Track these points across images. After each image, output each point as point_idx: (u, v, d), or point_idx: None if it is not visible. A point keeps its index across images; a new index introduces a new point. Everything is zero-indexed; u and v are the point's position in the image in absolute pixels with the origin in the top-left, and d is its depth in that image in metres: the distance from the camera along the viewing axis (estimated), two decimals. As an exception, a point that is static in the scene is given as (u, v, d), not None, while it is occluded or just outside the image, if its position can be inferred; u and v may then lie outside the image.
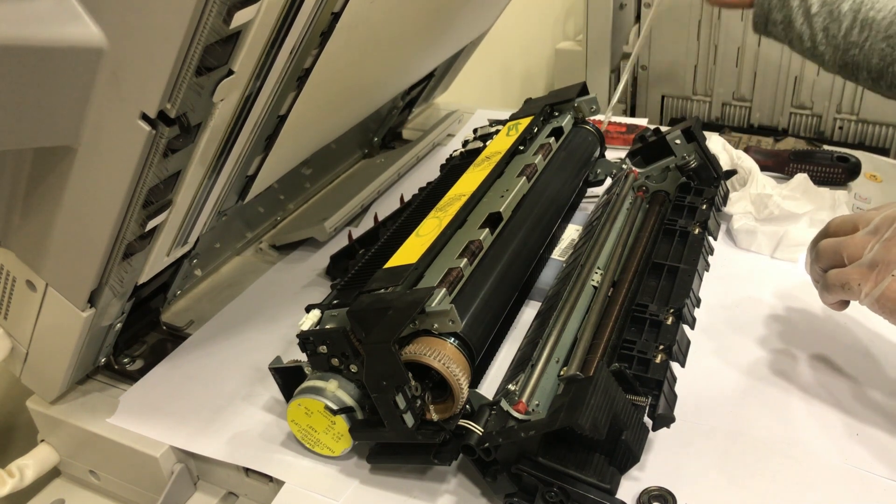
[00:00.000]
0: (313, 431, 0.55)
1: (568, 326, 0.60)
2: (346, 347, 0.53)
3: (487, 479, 0.51)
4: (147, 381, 0.66)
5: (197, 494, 0.63)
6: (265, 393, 0.63)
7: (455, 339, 0.52)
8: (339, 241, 0.84)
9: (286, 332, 0.70)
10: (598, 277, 0.66)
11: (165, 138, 0.44)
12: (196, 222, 0.60)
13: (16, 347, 0.61)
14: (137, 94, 0.41)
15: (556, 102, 0.83)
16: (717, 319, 0.66)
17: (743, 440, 0.55)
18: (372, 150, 1.06)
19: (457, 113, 1.14)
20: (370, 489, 0.54)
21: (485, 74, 1.61)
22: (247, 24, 0.42)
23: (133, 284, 0.58)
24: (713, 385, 0.60)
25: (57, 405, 0.64)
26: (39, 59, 0.38)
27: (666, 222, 0.70)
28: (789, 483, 0.52)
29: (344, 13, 0.54)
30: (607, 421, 0.47)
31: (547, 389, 0.54)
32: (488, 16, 0.96)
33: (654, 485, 0.51)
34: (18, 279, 0.55)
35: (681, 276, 0.63)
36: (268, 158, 0.64)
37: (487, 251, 0.61)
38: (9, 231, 0.53)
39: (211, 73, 0.43)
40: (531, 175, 0.70)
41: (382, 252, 0.63)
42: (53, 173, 0.47)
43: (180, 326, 0.73)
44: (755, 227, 0.75)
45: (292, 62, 0.52)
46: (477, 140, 0.84)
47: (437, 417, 0.52)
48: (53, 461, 0.66)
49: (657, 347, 0.55)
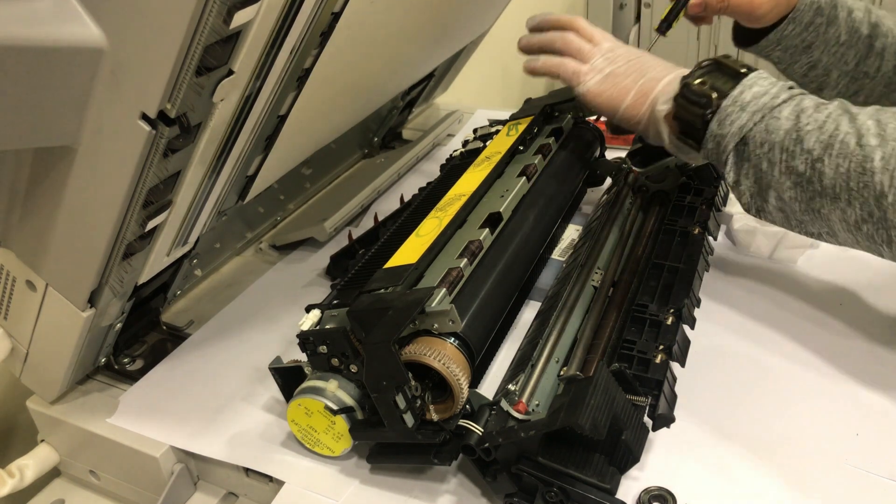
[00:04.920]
0: (313, 431, 0.55)
1: (568, 326, 0.60)
2: (346, 347, 0.53)
3: (487, 479, 0.51)
4: (147, 381, 0.66)
5: (197, 494, 0.63)
6: (265, 393, 0.63)
7: (455, 339, 0.52)
8: (339, 241, 0.84)
9: (286, 332, 0.70)
10: (598, 277, 0.66)
11: (165, 138, 0.44)
12: (196, 222, 0.60)
13: (16, 347, 0.61)
14: (137, 94, 0.41)
15: (556, 102, 0.83)
16: (717, 320, 0.66)
17: (743, 440, 0.55)
18: (372, 150, 1.06)
19: (457, 113, 1.14)
20: (370, 489, 0.54)
21: (485, 74, 1.61)
22: (247, 24, 0.42)
23: (133, 284, 0.58)
24: (713, 385, 0.60)
25: (57, 405, 0.64)
26: (39, 59, 0.38)
27: (666, 222, 0.70)
28: (789, 483, 0.52)
29: (344, 13, 0.54)
30: (607, 421, 0.47)
31: (547, 389, 0.54)
32: (488, 16, 0.96)
33: (654, 485, 0.51)
34: (18, 279, 0.55)
35: (681, 276, 0.63)
36: (268, 158, 0.64)
37: (487, 251, 0.61)
38: (9, 231, 0.53)
39: (211, 73, 0.43)
40: (531, 175, 0.70)
41: (382, 252, 0.63)
42: (53, 173, 0.47)
43: (180, 326, 0.73)
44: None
45: (292, 62, 0.52)
46: (477, 140, 0.84)
47: (437, 417, 0.52)
48: (53, 461, 0.66)
49: (657, 347, 0.55)
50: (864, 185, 0.51)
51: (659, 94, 0.63)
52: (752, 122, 0.57)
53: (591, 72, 0.67)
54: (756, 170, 0.57)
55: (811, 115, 0.55)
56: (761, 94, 0.57)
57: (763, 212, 0.59)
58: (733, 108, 0.58)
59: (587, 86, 0.67)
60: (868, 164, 0.51)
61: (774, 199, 0.57)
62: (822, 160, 0.53)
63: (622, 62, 0.67)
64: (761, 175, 0.57)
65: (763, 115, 0.57)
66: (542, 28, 0.73)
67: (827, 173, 0.53)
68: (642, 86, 0.64)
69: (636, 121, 0.65)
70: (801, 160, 0.54)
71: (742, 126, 0.57)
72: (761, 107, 0.57)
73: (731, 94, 0.58)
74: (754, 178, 0.58)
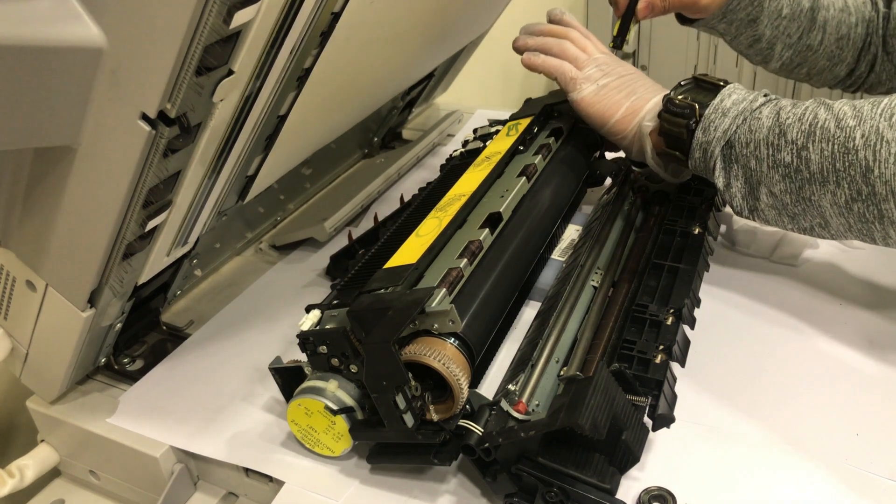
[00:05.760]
0: (313, 431, 0.55)
1: (568, 326, 0.60)
2: (346, 347, 0.53)
3: (487, 479, 0.51)
4: (147, 381, 0.66)
5: (197, 494, 0.63)
6: (265, 393, 0.63)
7: (455, 339, 0.52)
8: (339, 241, 0.84)
9: (286, 332, 0.70)
10: (597, 277, 0.66)
11: (165, 138, 0.44)
12: (196, 222, 0.60)
13: (16, 347, 0.61)
14: (137, 94, 0.41)
15: (556, 102, 0.83)
16: (717, 320, 0.66)
17: (743, 440, 0.55)
18: (372, 150, 1.06)
19: (457, 113, 1.14)
20: (370, 489, 0.54)
21: (485, 74, 1.61)
22: (247, 24, 0.42)
23: (133, 284, 0.58)
24: (713, 384, 0.60)
25: (57, 405, 0.64)
26: (39, 59, 0.38)
27: (666, 222, 0.70)
28: (789, 483, 0.52)
29: (344, 13, 0.54)
30: (607, 421, 0.47)
31: (547, 389, 0.54)
32: (488, 16, 0.96)
33: (654, 485, 0.51)
34: (18, 279, 0.55)
35: (681, 276, 0.63)
36: (268, 158, 0.64)
37: (487, 251, 0.61)
38: (9, 231, 0.53)
39: (211, 73, 0.43)
40: (531, 175, 0.70)
41: (382, 252, 0.63)
42: (53, 173, 0.47)
43: (180, 326, 0.73)
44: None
45: (292, 62, 0.52)
46: (477, 140, 0.84)
47: (437, 417, 0.52)
48: (53, 461, 0.66)
49: (657, 347, 0.55)
50: (850, 164, 0.54)
51: (646, 112, 0.67)
52: (735, 126, 0.60)
53: (587, 81, 0.70)
54: (745, 169, 0.60)
55: (790, 111, 0.58)
56: (740, 100, 0.61)
57: (756, 211, 0.61)
58: (715, 115, 0.61)
59: (582, 94, 0.70)
60: (850, 143, 0.54)
61: (766, 195, 0.59)
62: (807, 147, 0.56)
63: (615, 76, 0.70)
64: (750, 174, 0.59)
65: (745, 118, 0.60)
66: (537, 34, 0.76)
67: (813, 159, 0.55)
68: (633, 103, 0.68)
69: (622, 136, 0.69)
70: (787, 151, 0.57)
71: (726, 130, 0.60)
72: (742, 111, 0.60)
73: (713, 103, 0.61)
74: (744, 178, 0.60)
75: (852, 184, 0.54)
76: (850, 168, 0.54)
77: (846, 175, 0.54)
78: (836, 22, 0.81)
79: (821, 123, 0.55)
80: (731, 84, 0.63)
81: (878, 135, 0.52)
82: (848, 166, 0.54)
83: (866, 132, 0.53)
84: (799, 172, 0.56)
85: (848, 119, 0.54)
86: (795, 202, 0.58)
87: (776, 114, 0.58)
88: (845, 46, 0.82)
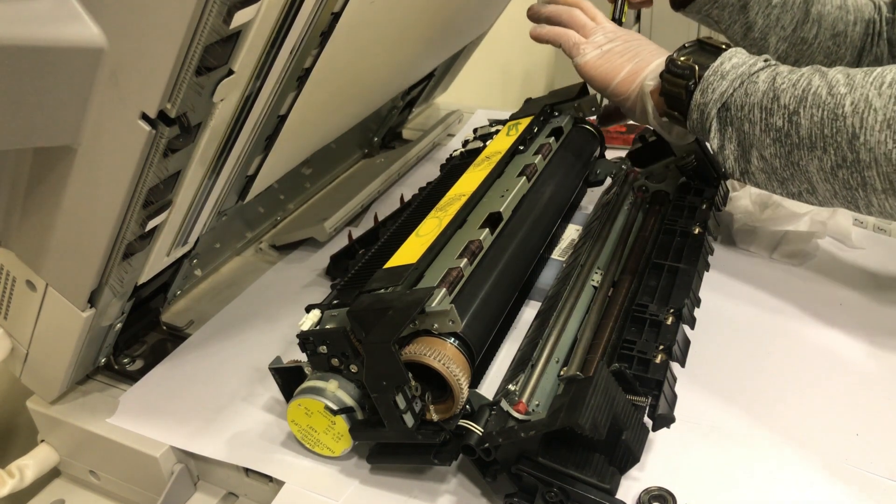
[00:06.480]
0: (313, 431, 0.55)
1: (568, 326, 0.60)
2: (346, 347, 0.53)
3: (487, 479, 0.51)
4: (147, 381, 0.66)
5: (197, 494, 0.63)
6: (265, 393, 0.63)
7: (455, 339, 0.52)
8: (339, 241, 0.84)
9: (286, 332, 0.70)
10: (598, 277, 0.66)
11: (165, 138, 0.44)
12: (196, 222, 0.60)
13: (16, 347, 0.61)
14: (137, 94, 0.41)
15: (556, 102, 0.83)
16: (717, 319, 0.66)
17: (743, 440, 0.55)
18: (372, 150, 1.06)
19: (457, 113, 1.14)
20: (370, 489, 0.54)
21: (485, 74, 1.61)
22: (247, 24, 0.42)
23: (133, 284, 0.58)
24: (713, 385, 0.60)
25: (57, 405, 0.64)
26: (39, 59, 0.38)
27: (666, 222, 0.70)
28: (789, 483, 0.52)
29: (344, 13, 0.54)
30: (607, 421, 0.47)
31: (547, 389, 0.54)
32: (488, 16, 0.96)
33: (654, 485, 0.51)
34: (18, 279, 0.55)
35: (681, 276, 0.63)
36: (268, 158, 0.64)
37: (487, 251, 0.61)
38: (9, 231, 0.53)
39: (211, 73, 0.43)
40: (531, 175, 0.70)
41: (382, 252, 0.63)
42: (53, 173, 0.47)
43: (180, 326, 0.73)
44: (755, 227, 0.75)
45: (292, 62, 0.52)
46: (477, 140, 0.84)
47: (437, 417, 0.52)
48: (53, 461, 0.66)
49: (657, 347, 0.55)
50: (837, 131, 0.54)
51: (649, 72, 0.68)
52: (732, 88, 0.61)
53: (591, 46, 0.71)
54: (738, 132, 0.61)
55: (786, 77, 0.59)
56: (740, 64, 0.62)
57: (747, 173, 0.62)
58: (714, 77, 0.62)
59: (585, 58, 0.71)
60: (839, 110, 0.54)
61: (757, 158, 0.60)
62: (798, 112, 0.57)
63: (620, 42, 0.71)
64: (743, 136, 0.61)
65: (742, 82, 0.61)
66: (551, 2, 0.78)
67: (803, 124, 0.56)
68: (636, 65, 0.69)
69: (625, 97, 0.70)
70: (779, 115, 0.58)
71: (723, 92, 0.61)
72: (740, 74, 0.61)
73: (712, 66, 0.62)
74: (737, 140, 0.61)
75: (838, 150, 0.55)
76: (837, 134, 0.54)
77: (833, 141, 0.55)
78: (832, 18, 0.81)
79: (814, 90, 0.56)
80: (733, 48, 0.64)
81: (866, 102, 0.53)
82: (835, 132, 0.54)
83: (856, 99, 0.54)
84: (789, 137, 0.57)
85: (840, 86, 0.55)
86: (784, 167, 0.59)
87: (772, 79, 0.59)
88: (842, 44, 0.82)
